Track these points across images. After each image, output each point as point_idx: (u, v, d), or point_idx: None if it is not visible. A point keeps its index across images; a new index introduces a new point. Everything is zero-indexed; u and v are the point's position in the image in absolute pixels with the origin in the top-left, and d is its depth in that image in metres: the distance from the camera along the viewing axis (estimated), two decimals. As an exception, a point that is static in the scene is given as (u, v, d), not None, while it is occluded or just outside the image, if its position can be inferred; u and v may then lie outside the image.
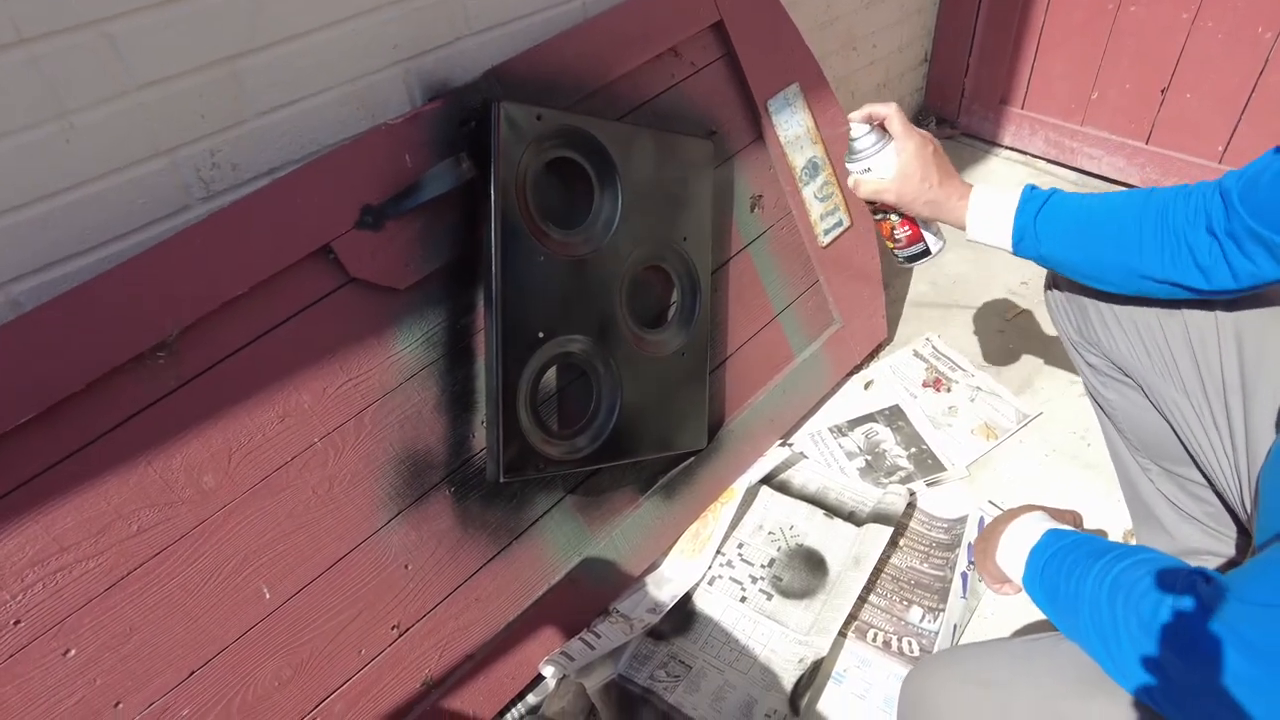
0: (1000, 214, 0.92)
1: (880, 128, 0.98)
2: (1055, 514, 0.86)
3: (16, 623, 0.80)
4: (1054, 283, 1.02)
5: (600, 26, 1.13)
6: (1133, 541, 1.22)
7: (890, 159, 0.97)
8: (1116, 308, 0.92)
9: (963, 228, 0.96)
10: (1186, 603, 0.57)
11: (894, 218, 1.02)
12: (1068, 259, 0.89)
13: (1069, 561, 0.70)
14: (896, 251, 1.06)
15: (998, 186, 0.95)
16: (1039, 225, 0.89)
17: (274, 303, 0.91)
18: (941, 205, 0.96)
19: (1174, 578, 0.60)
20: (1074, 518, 0.89)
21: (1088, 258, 0.87)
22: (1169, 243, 0.78)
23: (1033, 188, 0.92)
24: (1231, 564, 0.96)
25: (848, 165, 1.02)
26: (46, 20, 0.78)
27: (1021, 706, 0.68)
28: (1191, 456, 0.91)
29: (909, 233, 1.02)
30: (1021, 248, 0.92)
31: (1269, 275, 0.72)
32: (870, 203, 1.03)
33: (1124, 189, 0.87)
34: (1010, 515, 0.84)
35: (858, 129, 0.99)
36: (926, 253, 1.04)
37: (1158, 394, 0.91)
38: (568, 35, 1.10)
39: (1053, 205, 0.89)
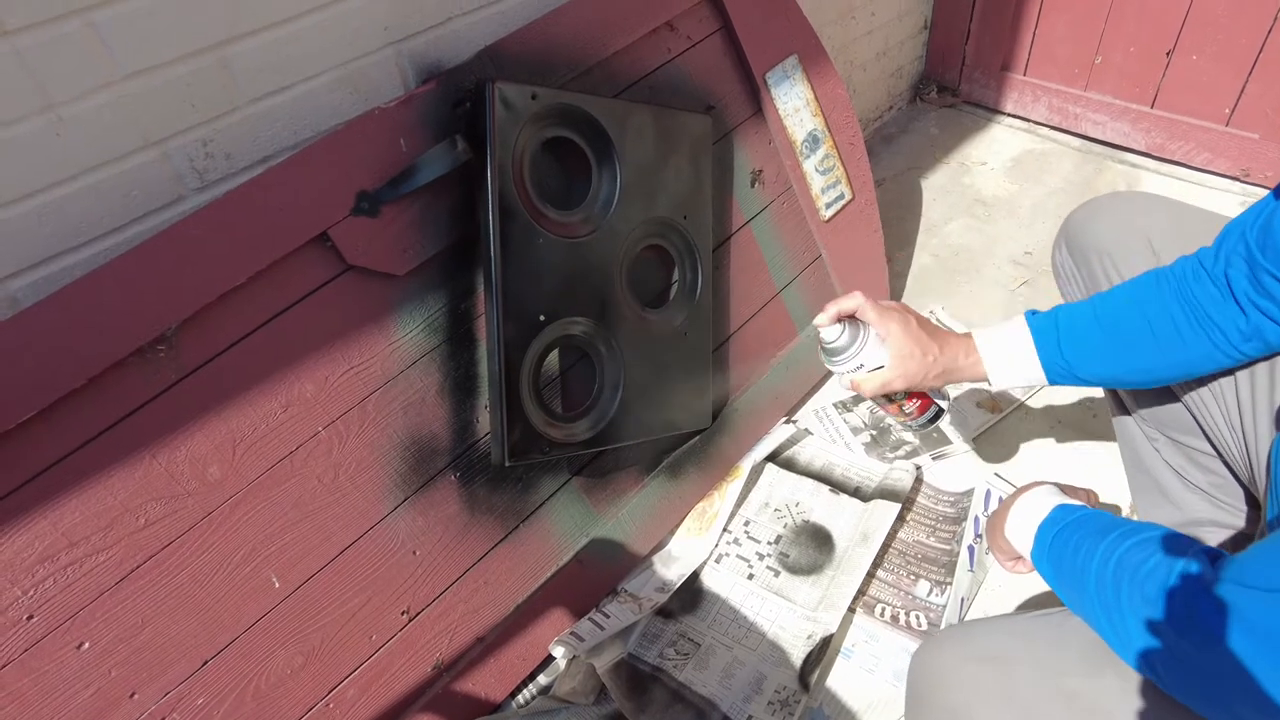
0: (1019, 354, 0.87)
1: (852, 320, 0.91)
2: (1069, 490, 0.85)
3: (30, 618, 0.80)
4: (1062, 248, 1.01)
5: (594, 2, 1.11)
6: (1136, 515, 1.21)
7: (877, 348, 0.90)
8: (1126, 278, 0.91)
9: (985, 381, 0.91)
10: (1192, 584, 0.57)
11: (899, 395, 0.97)
12: (1110, 374, 0.85)
13: (1076, 537, 0.70)
14: (910, 424, 1.00)
15: (992, 328, 0.90)
16: (1067, 355, 0.84)
17: (272, 292, 0.91)
18: (953, 370, 0.90)
19: (1180, 557, 0.59)
20: (1088, 495, 0.89)
21: (1132, 367, 0.82)
22: (1204, 325, 0.75)
23: (1032, 313, 0.87)
24: (1239, 535, 0.95)
25: (832, 369, 0.94)
26: (30, 11, 0.76)
27: (1027, 683, 0.68)
28: (1201, 428, 0.90)
29: (918, 404, 0.97)
30: (1056, 378, 0.86)
31: None
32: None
33: (1131, 284, 0.82)
34: (1021, 490, 0.84)
35: (830, 331, 0.91)
36: (940, 413, 0.99)
37: None
38: (561, 12, 1.08)
39: (1072, 329, 0.84)
